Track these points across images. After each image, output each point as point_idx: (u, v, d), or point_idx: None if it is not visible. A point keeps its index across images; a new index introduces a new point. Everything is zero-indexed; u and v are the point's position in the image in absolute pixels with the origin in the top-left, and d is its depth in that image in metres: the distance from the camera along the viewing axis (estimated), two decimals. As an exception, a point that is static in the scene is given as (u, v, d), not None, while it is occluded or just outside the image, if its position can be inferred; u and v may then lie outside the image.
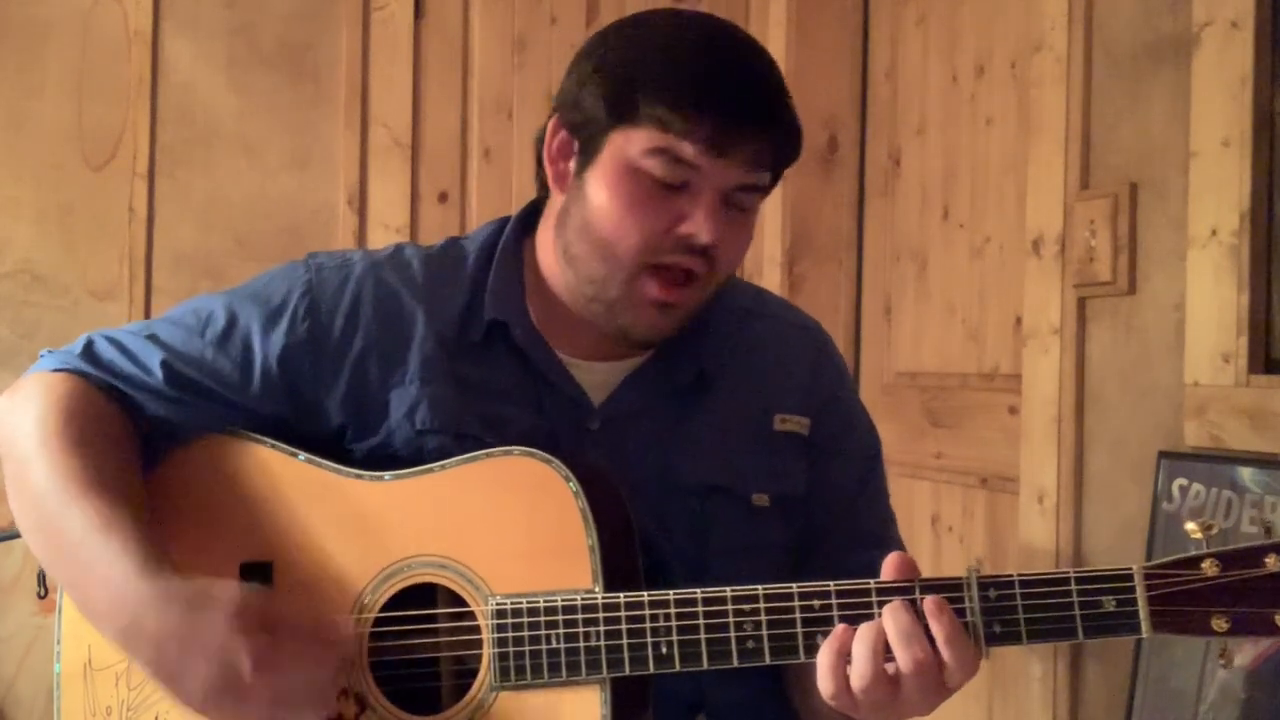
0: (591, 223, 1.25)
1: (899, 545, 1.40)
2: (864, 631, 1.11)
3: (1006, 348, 2.48)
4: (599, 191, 1.24)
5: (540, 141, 1.32)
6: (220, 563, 1.26)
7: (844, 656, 1.11)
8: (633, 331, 1.29)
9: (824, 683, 1.12)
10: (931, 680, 1.09)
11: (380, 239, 2.97)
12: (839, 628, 1.12)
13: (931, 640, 1.09)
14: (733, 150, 1.21)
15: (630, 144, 1.22)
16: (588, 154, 1.26)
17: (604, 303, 1.28)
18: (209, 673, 1.13)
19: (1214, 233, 1.88)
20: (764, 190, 1.28)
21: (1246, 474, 1.80)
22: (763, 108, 1.23)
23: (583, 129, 1.26)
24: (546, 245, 1.33)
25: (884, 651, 1.10)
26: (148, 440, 1.32)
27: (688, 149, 1.20)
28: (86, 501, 1.21)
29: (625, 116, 1.22)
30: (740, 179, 1.24)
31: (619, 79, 1.23)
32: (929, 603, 1.10)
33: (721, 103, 1.20)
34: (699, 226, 1.22)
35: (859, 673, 1.10)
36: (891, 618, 1.10)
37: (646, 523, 1.25)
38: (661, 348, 1.34)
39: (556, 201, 1.31)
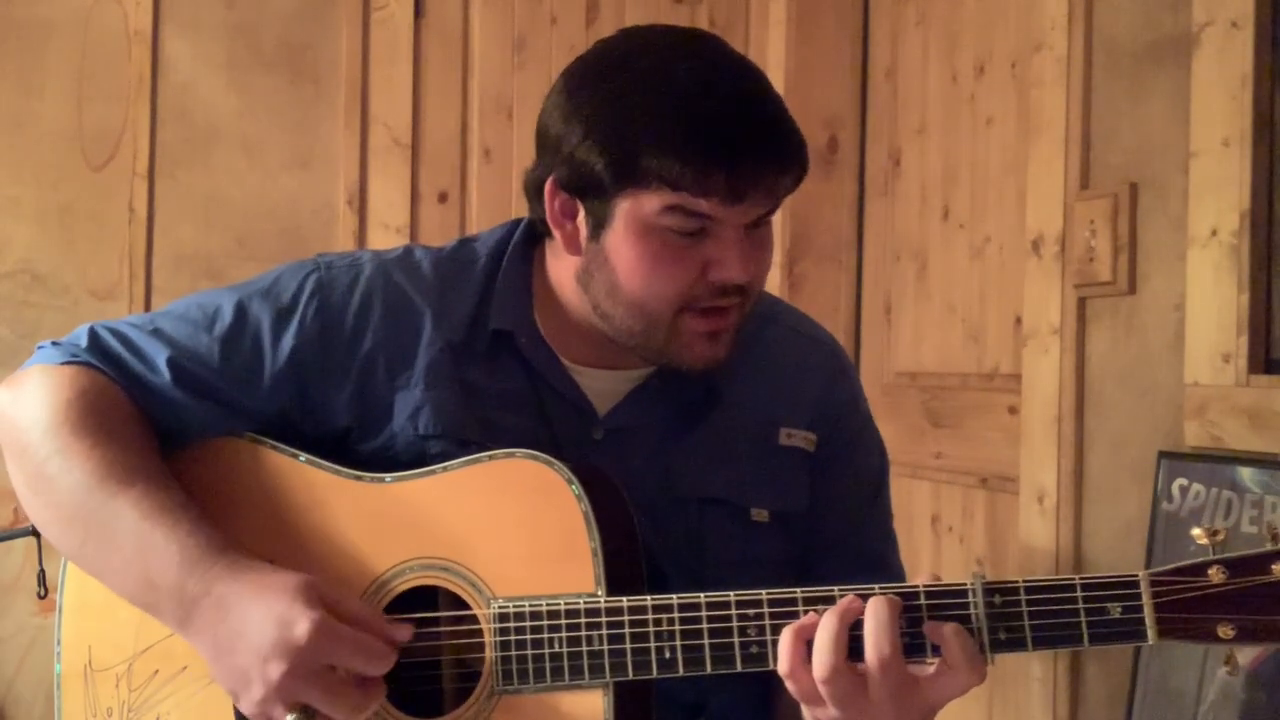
0: (620, 285, 1.23)
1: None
2: (830, 614, 1.09)
3: (1006, 348, 2.48)
4: (620, 257, 1.22)
5: (531, 184, 1.28)
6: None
7: (803, 636, 1.10)
8: (690, 366, 1.27)
9: (781, 663, 1.10)
10: (897, 680, 1.07)
11: (380, 239, 2.97)
12: (808, 615, 1.11)
13: (934, 648, 1.09)
14: (749, 194, 1.18)
15: (642, 206, 1.19)
16: (598, 219, 1.22)
17: (652, 349, 1.27)
18: (266, 632, 1.14)
19: (1214, 233, 1.88)
20: (778, 207, 1.26)
21: (1246, 474, 1.80)
22: (772, 147, 1.19)
23: (586, 193, 1.22)
24: (562, 277, 1.31)
25: (848, 639, 1.08)
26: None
27: (703, 204, 1.18)
28: (134, 490, 1.22)
29: (631, 180, 1.18)
30: (758, 213, 1.22)
31: (617, 142, 1.18)
32: (930, 626, 1.09)
33: (730, 154, 1.16)
34: (730, 270, 1.21)
35: (820, 660, 1.08)
36: (872, 610, 1.08)
37: (646, 533, 1.24)
38: None
39: (570, 258, 1.28)
